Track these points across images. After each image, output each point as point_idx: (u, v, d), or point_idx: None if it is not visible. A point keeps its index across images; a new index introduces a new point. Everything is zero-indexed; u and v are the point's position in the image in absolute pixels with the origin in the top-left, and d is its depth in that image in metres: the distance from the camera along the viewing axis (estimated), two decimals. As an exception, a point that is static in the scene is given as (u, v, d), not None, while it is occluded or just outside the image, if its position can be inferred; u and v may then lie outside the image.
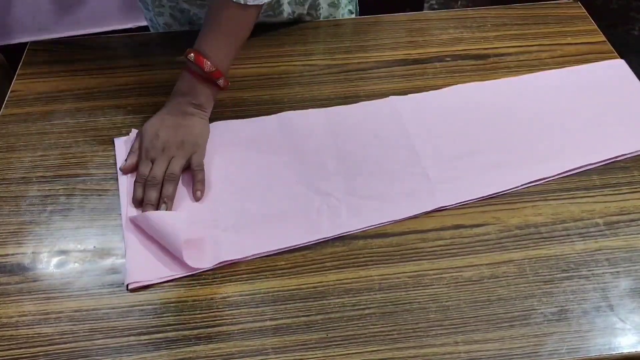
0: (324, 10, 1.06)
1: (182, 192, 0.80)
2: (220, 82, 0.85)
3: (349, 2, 1.11)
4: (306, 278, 0.71)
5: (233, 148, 0.85)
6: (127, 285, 0.70)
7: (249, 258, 0.73)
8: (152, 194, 0.78)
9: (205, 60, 0.82)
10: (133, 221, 0.76)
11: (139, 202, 0.78)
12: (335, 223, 0.76)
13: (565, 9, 1.08)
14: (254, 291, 0.70)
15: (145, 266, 0.71)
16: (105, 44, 1.03)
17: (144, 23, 1.16)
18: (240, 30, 0.86)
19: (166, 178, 0.79)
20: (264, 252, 0.73)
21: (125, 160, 0.83)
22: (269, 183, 0.81)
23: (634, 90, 0.94)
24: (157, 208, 0.77)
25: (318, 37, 1.03)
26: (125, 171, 0.82)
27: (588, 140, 0.86)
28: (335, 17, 1.08)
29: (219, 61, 0.83)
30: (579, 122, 0.88)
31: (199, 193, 0.79)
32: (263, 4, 0.85)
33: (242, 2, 0.82)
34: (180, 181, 0.81)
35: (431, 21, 1.06)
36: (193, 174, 0.81)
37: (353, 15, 1.13)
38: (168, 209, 0.77)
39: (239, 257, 0.73)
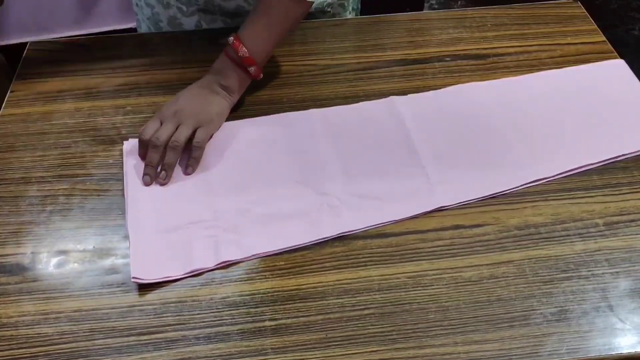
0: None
1: (184, 190, 0.80)
2: (252, 69, 0.86)
3: (354, 3, 1.12)
4: (306, 278, 0.71)
5: (233, 148, 0.85)
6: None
7: (250, 258, 0.73)
8: (153, 156, 0.80)
9: (241, 45, 0.85)
10: (137, 219, 0.76)
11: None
12: (336, 223, 0.76)
13: (565, 9, 1.08)
14: (254, 291, 0.70)
15: (147, 265, 0.71)
16: (105, 44, 1.03)
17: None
18: (287, 23, 0.88)
19: (169, 145, 0.81)
20: (265, 252, 0.73)
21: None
22: (269, 183, 0.81)
23: (633, 91, 0.94)
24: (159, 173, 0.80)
25: (318, 37, 1.03)
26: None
27: (588, 140, 0.86)
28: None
29: (255, 49, 0.86)
30: (579, 122, 0.88)
31: (190, 169, 0.81)
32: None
33: None
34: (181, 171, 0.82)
35: (431, 21, 1.06)
36: (192, 149, 0.82)
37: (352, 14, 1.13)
38: (167, 176, 0.80)
39: (241, 257, 0.73)
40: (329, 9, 1.08)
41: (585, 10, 1.07)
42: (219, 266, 0.72)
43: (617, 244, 0.74)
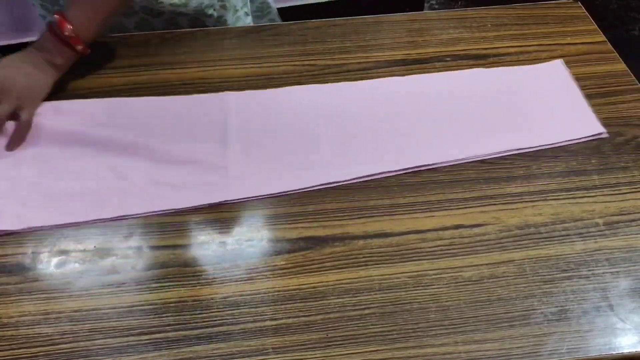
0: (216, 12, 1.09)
1: None
2: (79, 47, 0.89)
3: (244, 5, 1.12)
4: (306, 278, 0.71)
5: (54, 127, 0.86)
6: None
7: (27, 230, 0.75)
8: None
9: (67, 24, 0.87)
10: None
11: None
12: (120, 205, 0.78)
13: (565, 9, 1.08)
14: (254, 291, 0.70)
15: None
16: (106, 44, 1.03)
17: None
18: (108, 3, 0.92)
19: None
20: (46, 225, 0.75)
21: None
22: (74, 163, 0.83)
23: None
24: None
25: (318, 37, 1.03)
26: None
27: (406, 144, 0.86)
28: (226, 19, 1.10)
29: (81, 28, 0.88)
30: (423, 122, 0.89)
31: (13, 146, 0.83)
32: None
33: None
34: None
35: (431, 21, 1.06)
36: (21, 129, 0.84)
37: (249, 18, 1.14)
38: None
39: (18, 228, 0.75)
40: (211, 12, 1.07)
41: (585, 10, 1.07)
42: None
43: (618, 243, 0.74)
